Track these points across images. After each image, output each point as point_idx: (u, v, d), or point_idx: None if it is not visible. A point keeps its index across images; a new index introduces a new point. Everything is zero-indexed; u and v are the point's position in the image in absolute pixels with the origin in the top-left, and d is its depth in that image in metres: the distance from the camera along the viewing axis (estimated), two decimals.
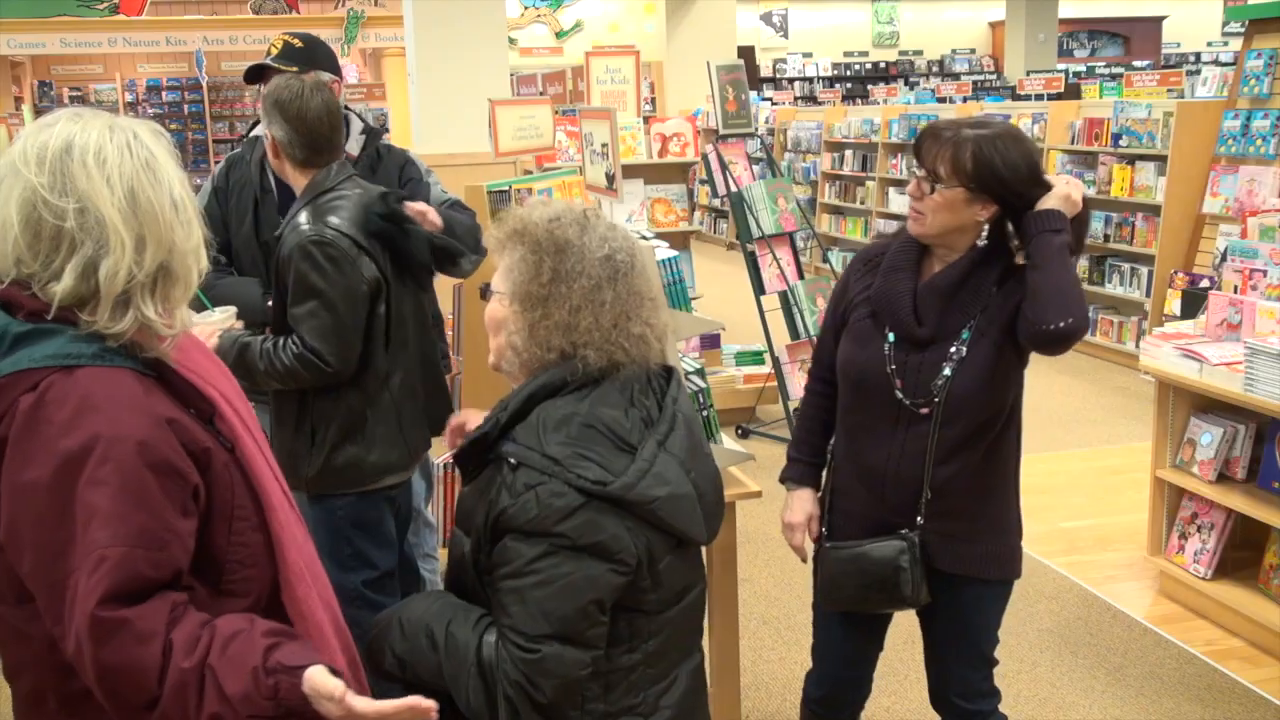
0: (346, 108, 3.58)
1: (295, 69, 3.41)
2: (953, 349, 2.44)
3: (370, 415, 2.93)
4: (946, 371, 2.43)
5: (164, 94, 17.13)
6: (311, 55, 3.52)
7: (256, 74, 3.50)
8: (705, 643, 2.34)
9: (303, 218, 2.88)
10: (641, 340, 1.75)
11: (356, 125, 3.57)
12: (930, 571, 2.54)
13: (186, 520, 1.57)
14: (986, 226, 2.47)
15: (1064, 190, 2.39)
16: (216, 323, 2.94)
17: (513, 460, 1.70)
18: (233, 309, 2.98)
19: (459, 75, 8.42)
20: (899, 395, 2.47)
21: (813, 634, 2.83)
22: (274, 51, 3.49)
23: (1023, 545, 2.65)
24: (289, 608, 1.71)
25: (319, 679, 1.51)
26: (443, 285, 3.26)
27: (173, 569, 1.54)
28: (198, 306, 3.00)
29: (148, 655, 1.49)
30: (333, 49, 3.66)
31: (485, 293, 1.85)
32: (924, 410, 2.45)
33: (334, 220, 2.86)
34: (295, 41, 3.53)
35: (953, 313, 2.45)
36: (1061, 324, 2.31)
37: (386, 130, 3.70)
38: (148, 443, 1.53)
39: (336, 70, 3.58)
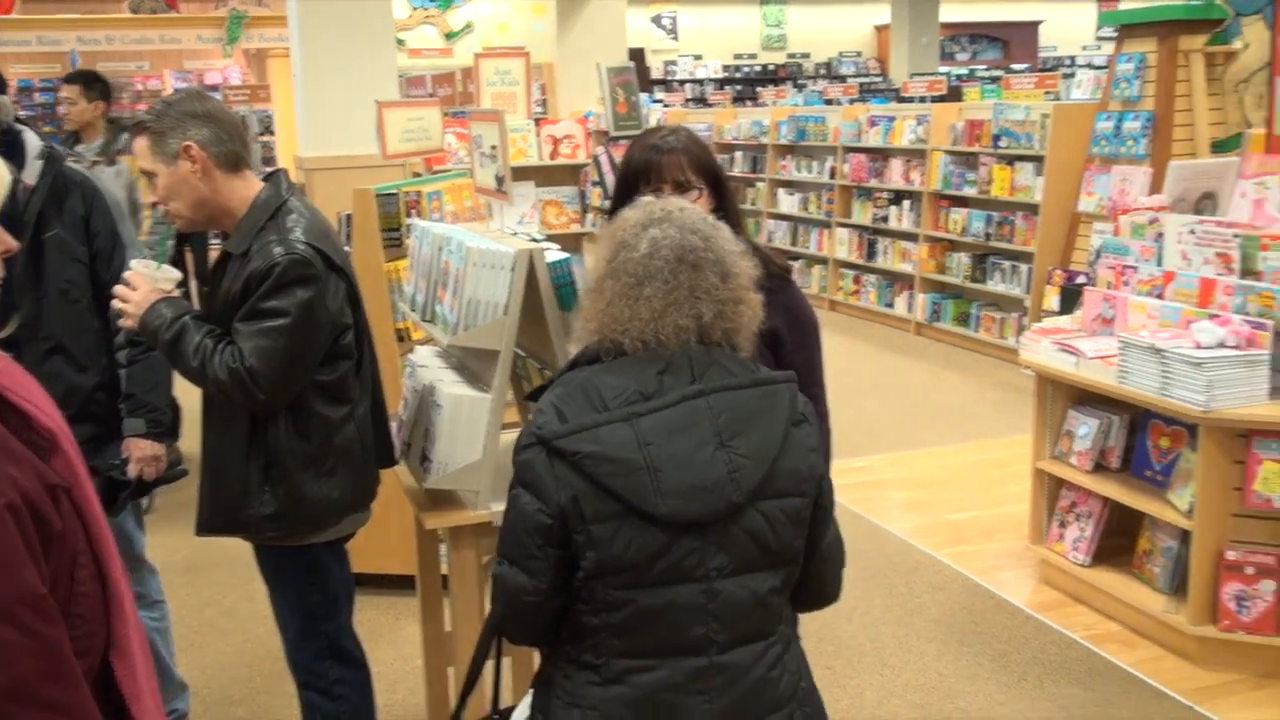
0: (20, 122, 3.20)
1: None
2: None
3: (338, 446, 2.68)
4: None
5: (36, 95, 16.54)
6: None
7: None
8: None
9: (272, 235, 2.57)
10: (683, 330, 1.86)
11: (33, 147, 3.11)
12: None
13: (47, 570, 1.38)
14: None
15: None
16: (159, 279, 2.65)
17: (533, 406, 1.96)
18: (177, 274, 2.68)
19: (346, 77, 8.28)
20: None
21: None
22: None
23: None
24: (120, 667, 1.51)
25: None
26: None
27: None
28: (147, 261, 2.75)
29: None
30: None
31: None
32: None
33: (302, 235, 2.57)
34: None
35: None
36: None
37: (69, 156, 3.40)
38: (15, 479, 1.32)
39: None
